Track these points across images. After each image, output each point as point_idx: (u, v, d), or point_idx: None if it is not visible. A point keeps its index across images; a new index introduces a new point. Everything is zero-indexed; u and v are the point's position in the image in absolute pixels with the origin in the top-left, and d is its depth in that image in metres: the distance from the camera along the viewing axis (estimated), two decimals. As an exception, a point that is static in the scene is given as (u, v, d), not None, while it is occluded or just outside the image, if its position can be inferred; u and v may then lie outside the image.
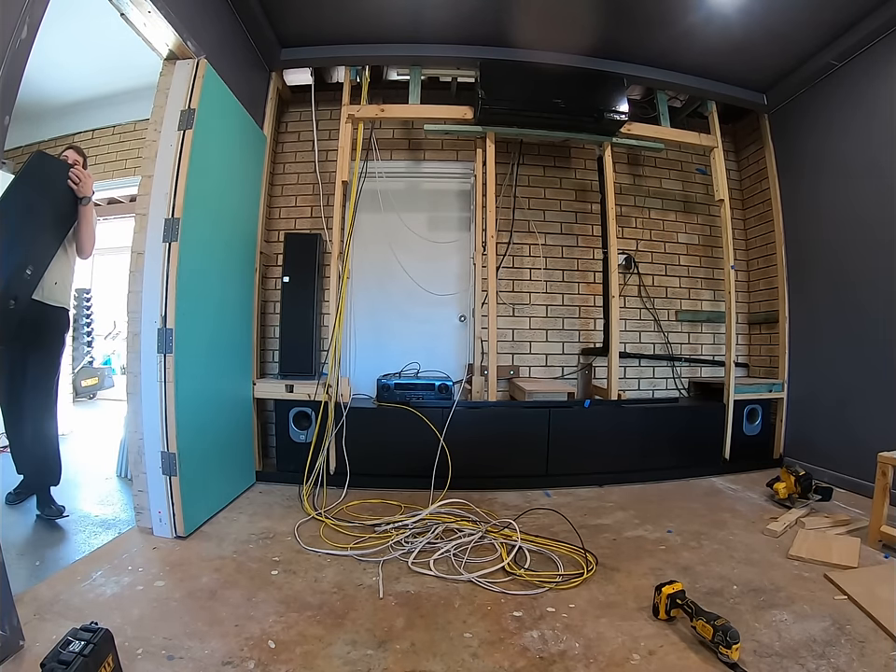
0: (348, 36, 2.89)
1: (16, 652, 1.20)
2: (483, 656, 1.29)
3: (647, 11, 2.59)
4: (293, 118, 3.43)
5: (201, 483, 2.14)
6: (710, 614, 1.30)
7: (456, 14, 2.68)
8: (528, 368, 3.40)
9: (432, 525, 2.07)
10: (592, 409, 2.90)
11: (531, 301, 3.42)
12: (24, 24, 1.21)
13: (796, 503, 2.39)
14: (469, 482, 2.61)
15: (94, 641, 1.03)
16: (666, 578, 1.53)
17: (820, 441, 2.95)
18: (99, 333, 5.77)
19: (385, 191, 3.32)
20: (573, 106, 2.83)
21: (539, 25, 2.72)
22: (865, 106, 2.68)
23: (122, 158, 3.88)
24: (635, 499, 2.57)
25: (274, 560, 1.82)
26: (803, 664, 1.24)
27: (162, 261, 1.98)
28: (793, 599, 1.55)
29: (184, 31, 2.06)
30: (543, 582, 1.65)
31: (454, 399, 2.82)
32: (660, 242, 3.57)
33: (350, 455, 2.65)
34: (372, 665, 1.24)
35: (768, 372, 3.43)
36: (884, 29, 2.49)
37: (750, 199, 3.65)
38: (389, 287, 3.35)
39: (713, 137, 3.17)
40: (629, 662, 1.27)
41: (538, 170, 3.47)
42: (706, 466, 3.00)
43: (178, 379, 1.98)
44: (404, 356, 3.16)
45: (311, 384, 2.76)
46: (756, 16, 2.54)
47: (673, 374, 3.56)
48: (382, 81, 3.25)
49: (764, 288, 3.51)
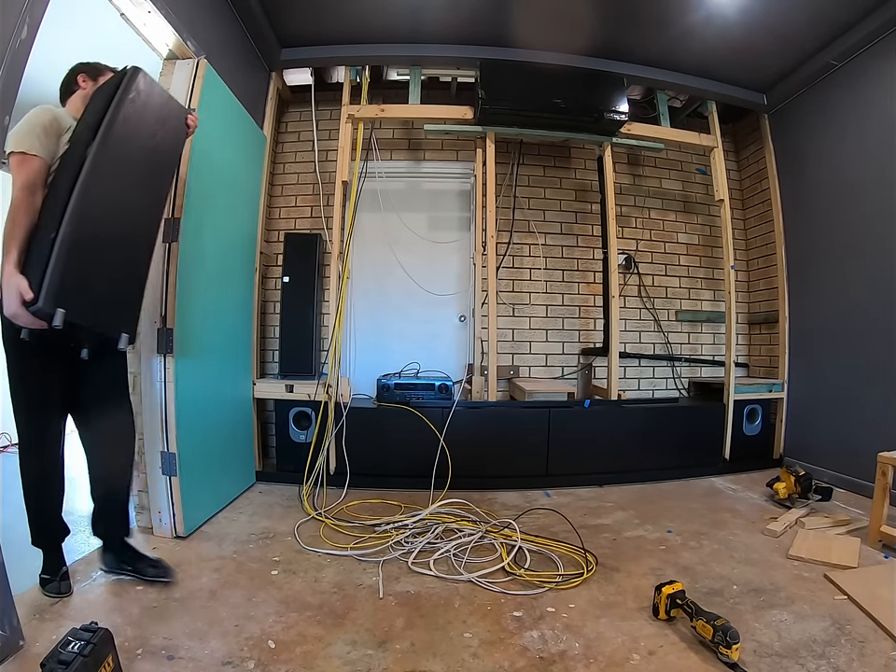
0: (348, 36, 2.89)
1: (16, 652, 1.20)
2: (483, 656, 1.29)
3: (647, 11, 2.60)
4: (293, 118, 3.43)
5: (201, 483, 2.14)
6: (710, 614, 1.30)
7: (456, 14, 2.68)
8: (528, 368, 3.40)
9: (432, 525, 2.07)
10: (592, 409, 2.90)
11: (531, 301, 3.41)
12: (24, 24, 1.21)
13: (796, 503, 2.39)
14: (469, 482, 2.61)
15: (94, 641, 1.03)
16: (666, 578, 1.53)
17: (820, 440, 2.95)
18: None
19: (385, 191, 3.32)
20: (573, 106, 2.83)
21: (539, 25, 2.72)
22: (865, 106, 2.68)
23: (122, 158, 3.88)
24: (635, 499, 2.57)
25: (274, 560, 1.82)
26: (803, 664, 1.24)
27: (162, 261, 1.98)
28: (793, 599, 1.55)
29: (184, 31, 2.06)
30: (543, 582, 1.65)
31: (454, 399, 2.82)
32: (660, 242, 3.57)
33: (350, 455, 2.65)
34: (372, 665, 1.24)
35: (768, 372, 3.43)
36: (884, 29, 2.49)
37: (750, 199, 3.65)
38: (389, 286, 3.35)
39: (713, 137, 3.17)
40: (629, 662, 1.27)
41: (538, 170, 3.47)
42: (706, 466, 3.00)
43: (178, 379, 1.98)
44: (404, 356, 3.16)
45: (311, 384, 2.76)
46: (756, 16, 2.54)
47: (673, 374, 3.55)
48: (382, 81, 3.25)
49: (764, 288, 3.51)
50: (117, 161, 1.44)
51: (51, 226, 1.29)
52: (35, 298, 1.24)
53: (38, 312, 1.25)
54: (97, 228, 1.39)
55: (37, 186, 1.36)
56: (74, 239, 1.29)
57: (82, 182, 1.32)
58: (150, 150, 1.57)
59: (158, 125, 1.58)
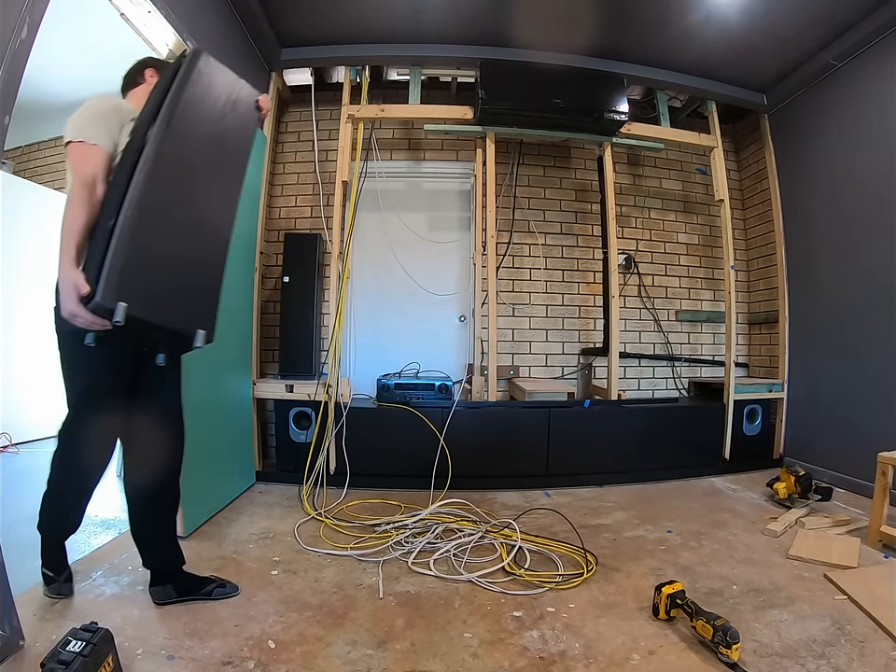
0: (348, 36, 2.89)
1: (16, 652, 1.20)
2: (483, 656, 1.29)
3: (647, 11, 2.60)
4: (293, 118, 3.43)
5: (200, 483, 2.13)
6: (710, 614, 1.30)
7: (456, 14, 2.68)
8: (528, 368, 3.40)
9: (432, 524, 2.07)
10: (592, 409, 2.90)
11: (531, 301, 3.41)
12: (24, 24, 1.21)
13: (796, 503, 2.39)
14: (469, 481, 2.61)
15: (94, 641, 1.03)
16: (666, 578, 1.53)
17: (820, 441, 2.95)
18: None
19: (385, 191, 3.32)
20: (573, 106, 2.83)
21: (540, 25, 2.72)
22: (865, 106, 2.68)
23: (122, 158, 3.88)
24: (635, 499, 2.57)
25: (274, 560, 1.82)
26: (803, 664, 1.24)
27: (162, 261, 1.97)
28: (793, 599, 1.55)
29: (184, 31, 2.06)
30: (543, 582, 1.65)
31: (454, 398, 2.82)
32: (660, 242, 3.57)
33: (350, 455, 2.65)
34: (372, 665, 1.24)
35: (768, 372, 3.43)
36: (884, 29, 2.49)
37: (750, 199, 3.65)
38: (389, 286, 3.35)
39: (713, 137, 3.17)
40: (629, 662, 1.27)
41: (538, 170, 3.47)
42: (706, 466, 3.00)
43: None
44: (404, 356, 3.16)
45: (311, 384, 2.76)
46: (756, 16, 2.54)
47: (673, 374, 3.55)
48: (382, 81, 3.25)
49: (764, 288, 3.51)
50: (183, 141, 1.29)
51: (110, 215, 1.17)
52: (93, 292, 1.11)
53: (97, 307, 1.11)
54: (162, 213, 1.24)
55: (98, 178, 1.24)
56: (135, 225, 1.15)
57: (144, 164, 1.19)
58: (220, 133, 1.43)
59: (226, 108, 1.44)
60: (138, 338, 1.26)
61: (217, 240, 1.45)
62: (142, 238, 1.18)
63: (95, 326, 1.16)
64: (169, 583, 1.50)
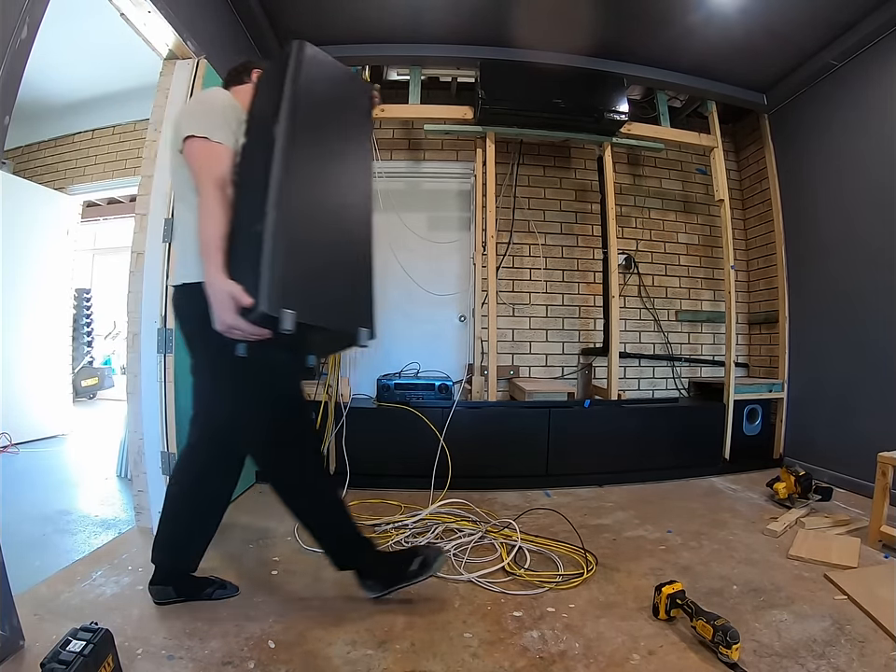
0: (348, 36, 2.89)
1: (16, 652, 1.20)
2: (483, 656, 1.28)
3: (647, 11, 2.59)
4: (293, 118, 3.42)
5: (201, 483, 2.13)
6: (710, 614, 1.30)
7: (456, 14, 2.68)
8: (528, 368, 3.40)
9: (432, 524, 2.07)
10: (592, 409, 2.90)
11: (531, 301, 3.42)
12: (24, 24, 1.21)
13: (796, 503, 2.39)
14: (469, 482, 2.61)
15: (94, 641, 1.03)
16: (666, 578, 1.53)
17: (820, 440, 2.95)
18: (99, 333, 5.78)
19: (385, 191, 3.32)
20: (573, 106, 2.83)
21: (540, 25, 2.72)
22: (865, 106, 2.68)
23: (122, 158, 3.88)
24: (635, 499, 2.57)
25: (274, 560, 1.82)
26: (803, 664, 1.23)
27: (162, 261, 1.98)
28: (793, 599, 1.55)
29: (184, 31, 2.06)
30: (543, 582, 1.65)
31: (454, 399, 2.82)
32: (660, 242, 3.57)
33: (350, 456, 2.65)
34: (372, 665, 1.24)
35: (768, 372, 3.43)
36: (884, 29, 2.49)
37: (750, 199, 3.65)
38: (389, 286, 3.34)
39: (713, 137, 3.17)
40: (629, 662, 1.26)
41: (538, 170, 3.47)
42: (705, 466, 3.00)
43: (178, 379, 1.98)
44: (404, 356, 3.16)
45: (311, 384, 2.76)
46: (756, 16, 2.54)
47: (673, 374, 3.56)
48: (382, 81, 3.24)
49: (764, 288, 3.51)
50: (312, 132, 1.22)
51: (252, 219, 1.10)
52: (255, 302, 1.05)
53: (262, 318, 1.04)
54: (309, 208, 1.18)
55: (227, 177, 1.18)
56: (283, 226, 1.09)
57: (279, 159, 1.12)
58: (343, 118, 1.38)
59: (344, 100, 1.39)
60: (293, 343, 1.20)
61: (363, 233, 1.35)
62: (296, 239, 1.12)
63: (254, 337, 1.10)
64: (170, 584, 1.50)
